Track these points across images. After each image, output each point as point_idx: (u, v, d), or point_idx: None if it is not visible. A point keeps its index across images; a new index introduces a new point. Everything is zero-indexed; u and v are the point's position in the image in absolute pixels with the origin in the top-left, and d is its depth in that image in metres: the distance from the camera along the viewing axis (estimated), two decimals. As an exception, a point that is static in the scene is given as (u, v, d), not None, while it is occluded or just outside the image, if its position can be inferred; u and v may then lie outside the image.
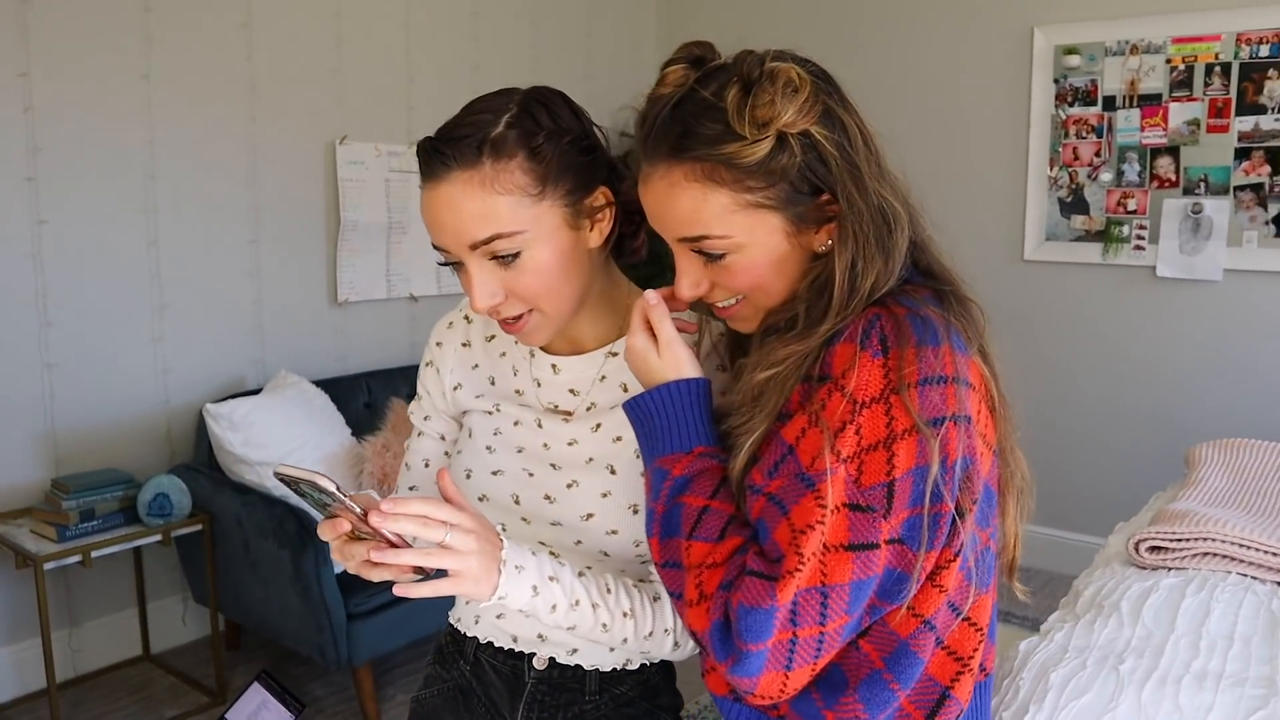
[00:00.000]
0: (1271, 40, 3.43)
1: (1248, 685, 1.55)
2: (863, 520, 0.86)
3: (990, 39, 3.90)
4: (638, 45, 4.76)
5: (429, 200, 1.04)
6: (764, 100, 0.91)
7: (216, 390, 3.33)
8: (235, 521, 2.94)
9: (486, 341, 1.25)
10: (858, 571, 0.87)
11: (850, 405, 0.87)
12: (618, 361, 1.17)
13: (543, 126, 1.04)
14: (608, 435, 1.15)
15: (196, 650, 3.35)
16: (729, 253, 0.96)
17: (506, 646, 1.21)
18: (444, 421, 1.27)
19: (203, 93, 3.24)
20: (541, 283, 1.05)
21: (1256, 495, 2.34)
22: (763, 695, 0.91)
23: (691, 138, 0.93)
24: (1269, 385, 3.52)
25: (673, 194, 0.95)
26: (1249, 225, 3.52)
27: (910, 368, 0.87)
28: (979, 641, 0.98)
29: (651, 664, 1.21)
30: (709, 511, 0.96)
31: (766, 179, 0.93)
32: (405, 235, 3.80)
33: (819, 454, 0.87)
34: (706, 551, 0.94)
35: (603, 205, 1.09)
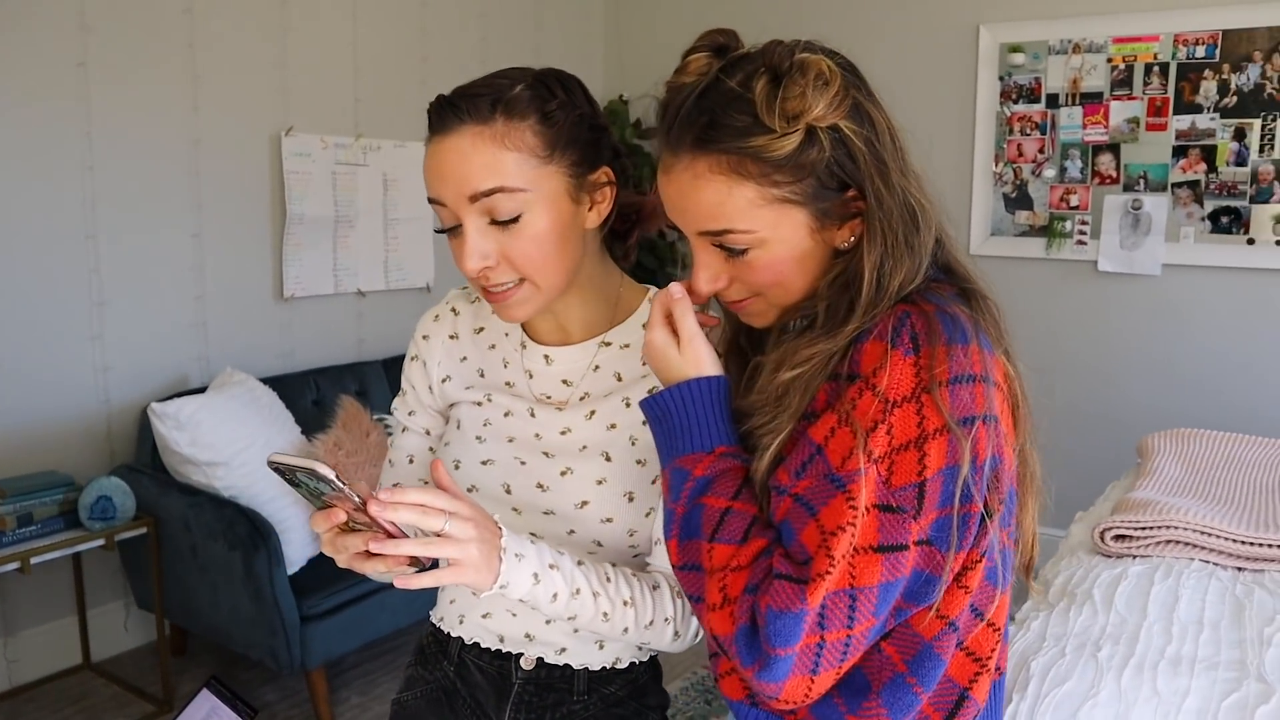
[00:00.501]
0: (1207, 42, 3.53)
1: (1220, 669, 1.59)
2: (893, 521, 0.85)
3: (937, 36, 3.96)
4: (587, 38, 4.74)
5: (435, 152, 1.03)
6: (795, 93, 0.89)
7: (159, 389, 3.22)
8: (182, 524, 2.85)
9: (475, 334, 1.23)
10: (886, 574, 0.85)
11: (882, 404, 0.85)
12: (611, 351, 1.16)
13: (556, 96, 1.05)
14: (602, 423, 1.14)
15: (140, 657, 3.24)
16: (751, 248, 0.93)
17: (493, 647, 1.19)
18: (429, 416, 1.25)
19: (143, 82, 3.13)
20: (537, 250, 1.04)
21: (1210, 483, 2.41)
22: (787, 700, 0.89)
23: (718, 129, 0.91)
24: (1205, 377, 3.63)
25: (696, 185, 0.92)
26: (1186, 221, 3.62)
27: (941, 366, 0.85)
28: (997, 642, 0.97)
29: (640, 663, 1.20)
30: (731, 513, 0.93)
31: (794, 173, 0.90)
32: (353, 229, 3.72)
33: (850, 454, 0.86)
34: (730, 554, 0.92)
35: (604, 184, 1.09)
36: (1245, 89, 3.48)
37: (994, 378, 0.90)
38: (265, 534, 2.71)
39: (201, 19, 3.25)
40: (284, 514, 2.88)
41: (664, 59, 2.57)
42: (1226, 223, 3.56)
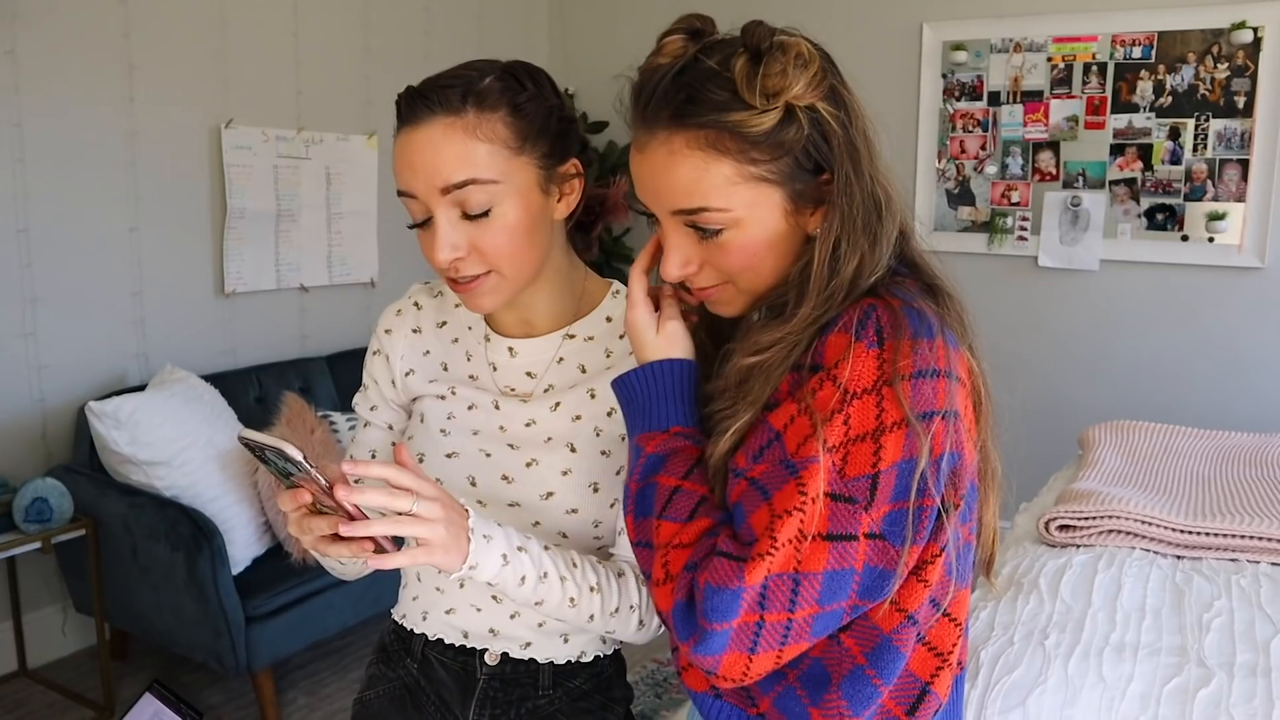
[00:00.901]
0: (1143, 43, 3.61)
1: (1162, 654, 1.63)
2: (843, 511, 0.85)
3: (881, 34, 4.00)
4: (531, 31, 4.71)
5: (406, 143, 1.03)
6: (775, 70, 0.88)
7: (96, 387, 3.14)
8: (122, 525, 2.79)
9: (438, 328, 1.22)
10: (833, 562, 0.85)
11: (841, 395, 0.86)
12: (575, 343, 1.16)
13: (526, 89, 1.05)
14: (567, 414, 1.14)
15: (79, 663, 3.16)
16: (725, 229, 0.93)
17: (457, 643, 1.18)
18: (392, 411, 1.24)
19: (76, 72, 3.04)
20: (507, 241, 1.04)
21: (1149, 474, 2.47)
22: (725, 676, 0.89)
23: (697, 103, 0.90)
24: (1142, 369, 3.73)
25: (672, 162, 0.91)
26: (1123, 218, 3.71)
27: (905, 360, 0.86)
28: (958, 636, 0.98)
29: (604, 656, 1.20)
30: (680, 492, 0.94)
31: (772, 151, 0.90)
32: (295, 224, 3.66)
33: (806, 441, 0.86)
34: (674, 531, 0.93)
35: (573, 175, 1.10)
36: (1180, 89, 3.57)
37: (957, 373, 0.91)
38: (209, 534, 2.66)
39: (136, 7, 3.17)
40: (228, 514, 2.83)
41: (609, 52, 2.55)
42: (1161, 220, 3.65)
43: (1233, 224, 3.52)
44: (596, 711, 1.18)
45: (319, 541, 0.96)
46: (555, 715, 1.17)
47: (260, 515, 2.94)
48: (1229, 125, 3.51)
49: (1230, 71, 3.49)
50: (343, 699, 2.96)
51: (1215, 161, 3.54)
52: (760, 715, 0.98)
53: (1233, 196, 3.53)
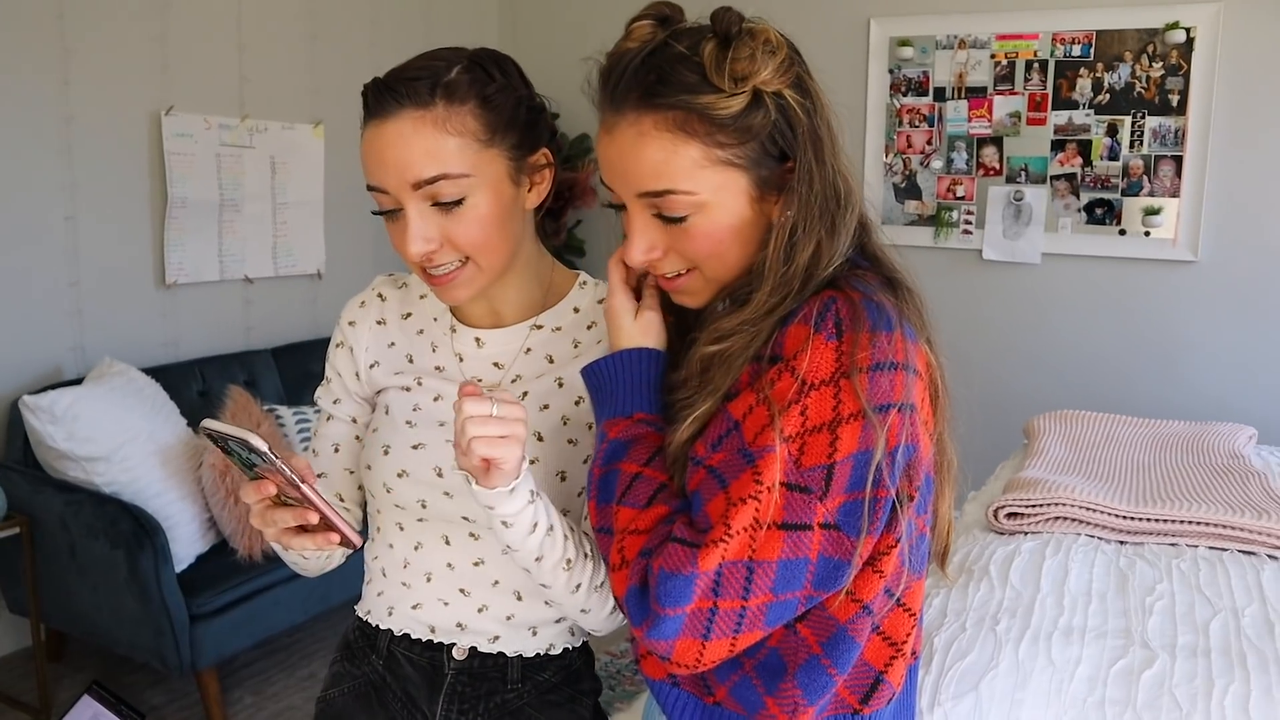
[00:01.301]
0: (1083, 41, 3.69)
1: (1108, 637, 1.67)
2: (798, 500, 0.86)
3: (829, 29, 4.03)
4: (480, 18, 4.67)
5: (374, 137, 1.01)
6: (744, 54, 0.90)
7: (30, 381, 3.05)
8: (59, 522, 2.71)
9: (403, 319, 1.21)
10: (787, 551, 0.86)
11: (799, 386, 0.86)
12: (543, 334, 1.16)
13: (494, 79, 1.04)
14: (534, 404, 1.13)
15: (13, 664, 3.07)
16: (691, 213, 0.93)
17: (424, 638, 1.17)
18: (355, 404, 1.22)
19: (8, 55, 2.94)
20: (480, 232, 1.03)
21: (1092, 462, 2.53)
22: (679, 661, 0.90)
23: (666, 85, 0.90)
24: (1084, 359, 3.81)
25: (641, 143, 0.91)
26: (1064, 212, 3.78)
27: (863, 353, 0.87)
28: (912, 626, 0.99)
29: (573, 649, 1.19)
30: (640, 478, 0.95)
31: (739, 135, 0.91)
32: (239, 214, 3.59)
33: (763, 430, 0.87)
34: (631, 517, 0.93)
35: (544, 165, 1.09)
36: (1117, 87, 3.65)
37: (915, 366, 0.92)
38: (150, 531, 2.60)
39: (73, -11, 3.08)
40: (170, 510, 2.77)
41: (559, 40, 2.50)
42: (1100, 214, 3.73)
43: (1168, 219, 3.62)
44: (566, 704, 1.18)
45: (282, 534, 0.95)
46: (524, 709, 1.16)
47: (204, 511, 2.88)
48: (1164, 123, 3.60)
49: (1165, 70, 3.58)
50: (290, 697, 2.91)
51: (1151, 158, 3.63)
52: (716, 704, 0.99)
53: (1167, 192, 3.62)
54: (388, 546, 1.18)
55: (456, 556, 1.14)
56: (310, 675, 3.04)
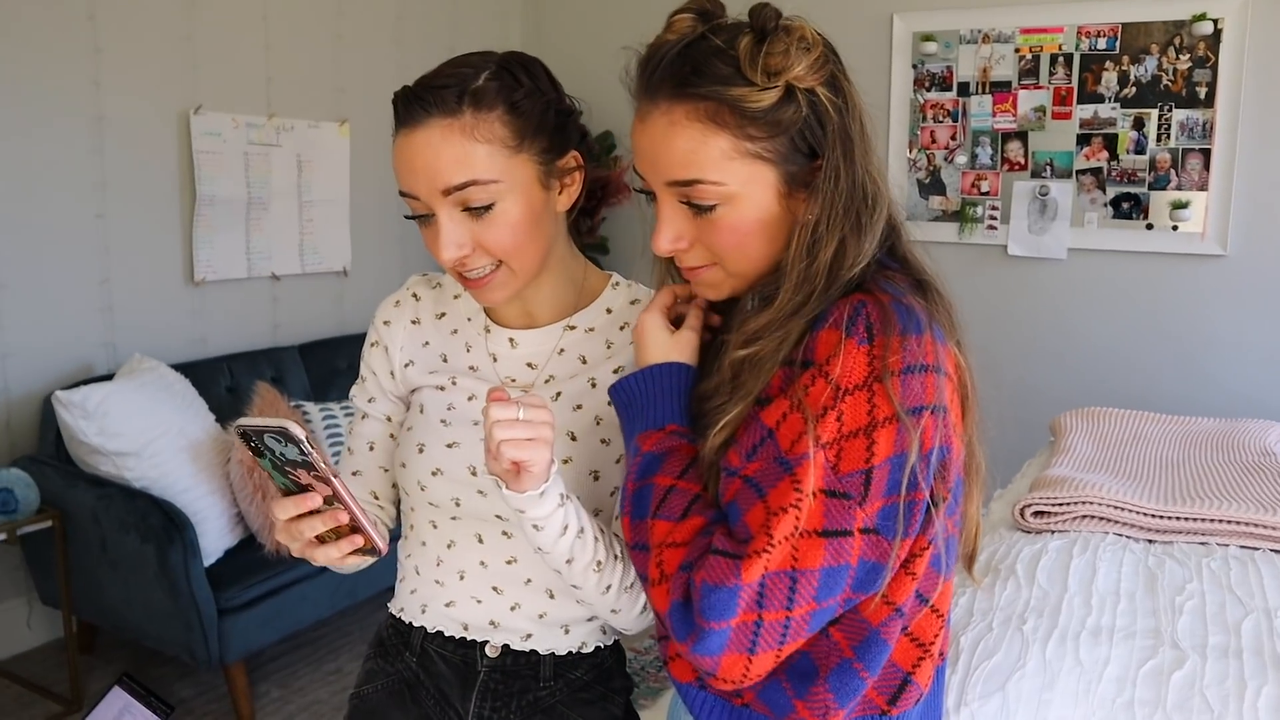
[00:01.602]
0: (1108, 34, 3.66)
1: (1137, 637, 1.66)
2: (838, 507, 0.86)
3: (852, 25, 4.01)
4: (504, 17, 4.68)
5: (404, 145, 1.03)
6: (778, 49, 0.90)
7: (62, 377, 3.09)
8: (91, 516, 2.75)
9: (437, 319, 1.22)
10: (829, 558, 0.86)
11: (833, 391, 0.86)
12: (576, 334, 1.16)
13: (522, 84, 1.04)
14: (568, 404, 1.14)
15: (45, 656, 3.11)
16: (719, 204, 0.93)
17: (457, 635, 1.18)
18: (390, 403, 1.23)
19: (40, 56, 2.98)
20: (511, 236, 1.04)
21: (1120, 459, 2.52)
22: (725, 678, 0.89)
23: (700, 75, 0.91)
24: (1110, 356, 3.78)
25: (672, 132, 0.92)
26: (1090, 207, 3.76)
27: (894, 356, 0.87)
28: (940, 627, 0.99)
29: (604, 647, 1.20)
30: (674, 490, 0.94)
31: (769, 129, 0.91)
32: (266, 212, 3.62)
33: (799, 438, 0.86)
34: (667, 530, 0.93)
35: (573, 168, 1.10)
36: (1143, 80, 3.62)
37: (945, 368, 0.92)
38: (180, 525, 2.63)
39: (103, -10, 3.11)
40: (199, 505, 2.80)
41: (583, 37, 2.51)
42: (1127, 208, 3.70)
43: (1196, 212, 3.59)
44: (597, 702, 1.19)
45: (308, 546, 0.95)
46: (556, 706, 1.17)
47: (233, 506, 2.91)
48: (1191, 115, 3.57)
49: (1192, 63, 3.54)
50: (316, 691, 2.94)
51: (1178, 151, 3.60)
52: (744, 706, 0.99)
53: (1195, 185, 3.59)
54: (420, 544, 1.19)
55: (489, 555, 1.15)
56: (337, 670, 3.07)
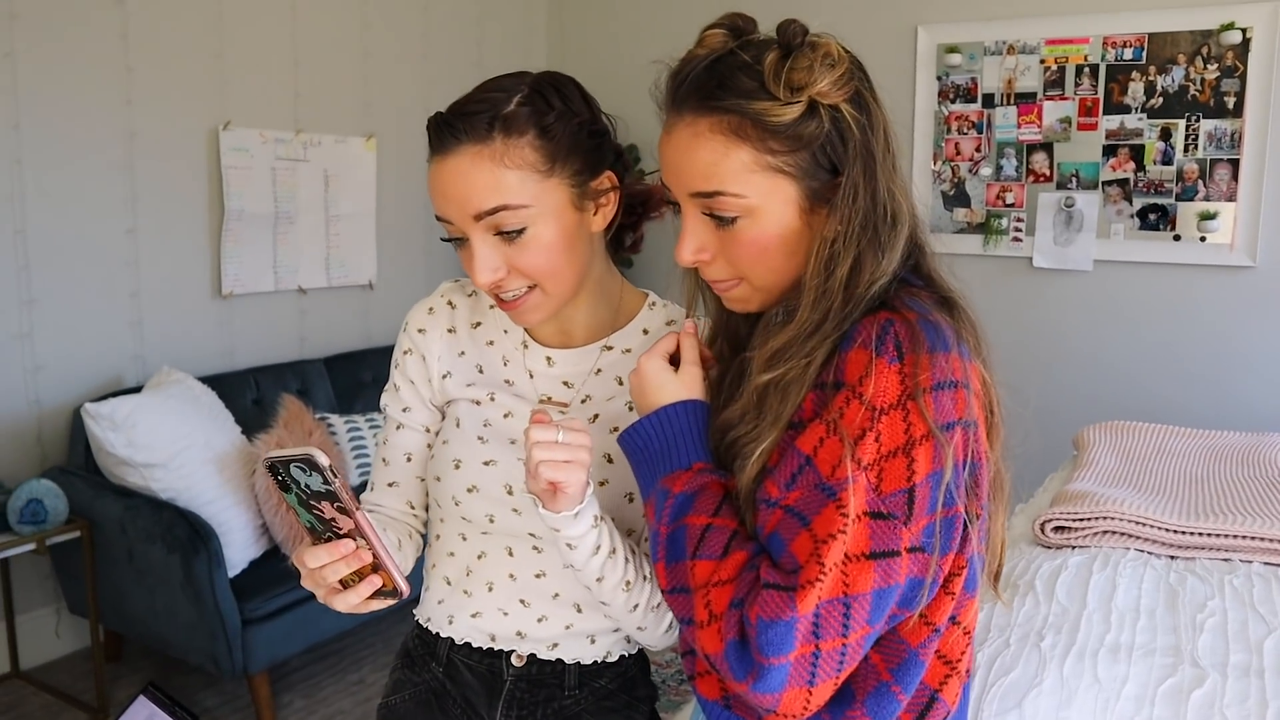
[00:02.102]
0: (1134, 44, 3.63)
1: (1157, 655, 1.64)
2: (884, 528, 0.86)
3: (877, 38, 4.01)
4: (530, 33, 4.71)
5: (437, 172, 1.04)
6: (802, 65, 0.91)
7: (92, 389, 3.14)
8: (118, 527, 2.79)
9: (473, 329, 1.22)
10: (879, 580, 0.86)
11: (869, 412, 0.86)
12: (613, 355, 1.17)
13: (554, 107, 1.05)
14: (605, 426, 1.14)
15: (73, 664, 3.16)
16: (740, 216, 0.94)
17: (484, 646, 1.19)
18: (427, 411, 1.22)
19: (73, 73, 3.04)
20: (545, 260, 1.05)
21: (1144, 474, 2.49)
22: (786, 713, 0.87)
23: (724, 89, 0.92)
24: (1136, 369, 3.74)
25: (695, 144, 0.94)
26: (1116, 218, 3.72)
27: (925, 373, 0.86)
28: (967, 644, 0.99)
29: (629, 655, 1.21)
30: (711, 529, 0.93)
31: (790, 143, 0.92)
32: (293, 225, 3.66)
33: (839, 462, 0.86)
34: (711, 570, 0.91)
35: (608, 189, 1.10)
36: (1170, 90, 3.59)
37: (973, 385, 0.92)
38: (205, 536, 2.66)
39: (134, 8, 3.17)
40: (224, 516, 2.83)
41: (608, 54, 2.52)
42: (1154, 219, 3.66)
43: (1224, 223, 3.54)
44: (622, 710, 1.19)
45: (330, 593, 0.96)
46: (581, 715, 1.18)
47: (258, 518, 2.94)
48: (1219, 125, 3.53)
49: (1220, 72, 3.51)
50: (339, 701, 2.96)
51: (1206, 161, 3.56)
52: None
53: (1224, 196, 3.55)
54: (448, 555, 1.20)
55: (519, 568, 1.16)
56: (359, 681, 3.09)
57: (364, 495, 1.24)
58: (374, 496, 1.23)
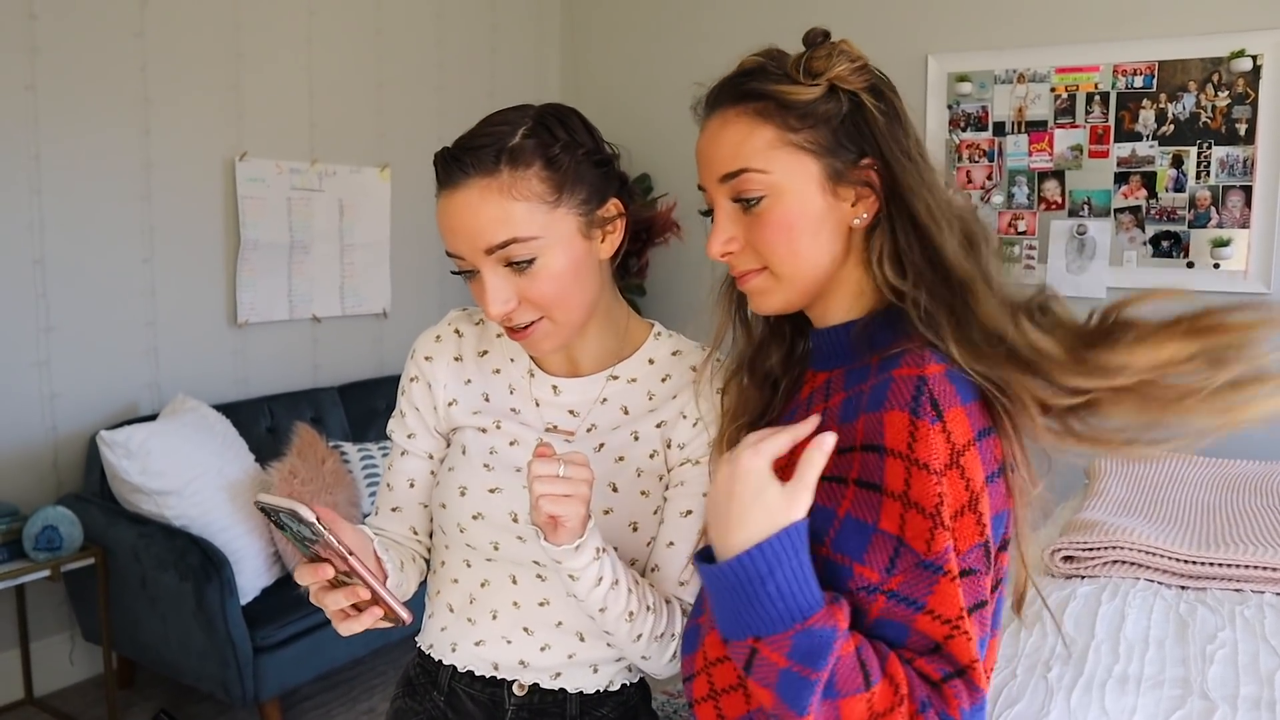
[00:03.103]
0: (1144, 72, 3.64)
1: (1165, 686, 1.63)
2: (972, 583, 0.89)
3: (887, 66, 3.99)
4: (542, 64, 4.76)
5: (446, 207, 1.06)
6: (821, 54, 0.97)
7: (108, 416, 3.17)
8: (132, 554, 2.81)
9: (479, 357, 1.23)
10: (978, 630, 0.89)
11: (935, 479, 0.87)
12: (618, 384, 1.18)
13: (558, 138, 1.06)
14: (610, 455, 1.15)
15: (85, 691, 3.17)
16: (765, 195, 0.96)
17: (486, 674, 1.19)
18: (432, 439, 1.23)
19: (93, 105, 3.10)
20: (555, 289, 1.06)
21: (1155, 503, 2.47)
22: None
23: (752, 83, 0.98)
24: (1149, 397, 3.71)
25: (723, 130, 0.99)
26: (1129, 245, 3.72)
27: (962, 427, 0.88)
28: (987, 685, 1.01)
29: (630, 685, 1.21)
30: (863, 648, 0.86)
31: (810, 120, 0.96)
32: (308, 255, 3.70)
33: (931, 536, 0.86)
34: (890, 691, 0.85)
35: (614, 216, 1.11)
36: (1181, 117, 3.59)
37: None
38: (218, 564, 2.68)
39: (152, 41, 3.22)
40: (237, 544, 2.85)
41: (620, 85, 2.57)
42: (1167, 246, 3.66)
43: (1238, 250, 3.53)
44: None
45: (334, 616, 0.98)
46: None
47: (270, 545, 2.96)
48: (1231, 152, 3.53)
49: (1231, 99, 3.51)
50: (350, 728, 2.96)
51: (1219, 188, 3.56)
52: None
53: (1237, 223, 3.54)
54: (452, 581, 1.20)
55: (523, 596, 1.16)
56: (370, 710, 3.09)
57: (368, 519, 1.26)
58: (378, 521, 1.25)
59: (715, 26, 4.35)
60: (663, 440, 1.15)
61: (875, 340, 0.98)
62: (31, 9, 2.92)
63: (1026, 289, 0.96)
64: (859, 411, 0.93)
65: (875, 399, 0.91)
